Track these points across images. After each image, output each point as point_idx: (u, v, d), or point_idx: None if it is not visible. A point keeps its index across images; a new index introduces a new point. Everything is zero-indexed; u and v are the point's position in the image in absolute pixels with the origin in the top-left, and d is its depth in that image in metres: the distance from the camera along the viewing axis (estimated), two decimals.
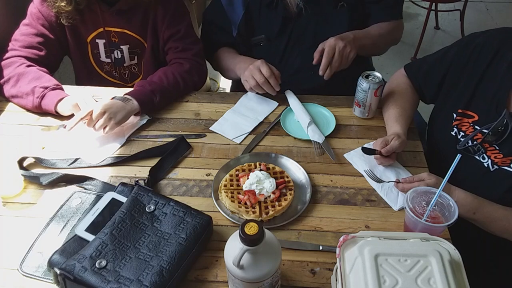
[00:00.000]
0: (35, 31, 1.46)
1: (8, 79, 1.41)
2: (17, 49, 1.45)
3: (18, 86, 1.39)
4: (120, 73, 1.64)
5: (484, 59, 1.19)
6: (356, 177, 1.22)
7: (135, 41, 1.56)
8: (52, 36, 1.49)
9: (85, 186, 1.18)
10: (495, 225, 1.10)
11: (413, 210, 0.99)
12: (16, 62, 1.42)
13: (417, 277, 0.76)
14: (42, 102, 1.36)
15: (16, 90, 1.39)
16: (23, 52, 1.45)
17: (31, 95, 1.36)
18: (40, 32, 1.47)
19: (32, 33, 1.46)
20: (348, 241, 0.84)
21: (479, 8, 3.90)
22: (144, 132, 1.36)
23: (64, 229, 1.07)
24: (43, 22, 1.46)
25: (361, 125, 1.38)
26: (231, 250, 0.83)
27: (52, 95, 1.36)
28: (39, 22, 1.46)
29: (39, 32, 1.47)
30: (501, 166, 1.15)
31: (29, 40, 1.46)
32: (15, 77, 1.40)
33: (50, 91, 1.37)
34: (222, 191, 1.16)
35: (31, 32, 1.46)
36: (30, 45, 1.46)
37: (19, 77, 1.40)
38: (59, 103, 1.35)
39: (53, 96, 1.36)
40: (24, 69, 1.41)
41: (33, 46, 1.46)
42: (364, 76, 1.33)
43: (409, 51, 3.33)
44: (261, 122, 1.40)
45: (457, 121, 1.24)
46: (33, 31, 1.46)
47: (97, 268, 0.93)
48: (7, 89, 1.41)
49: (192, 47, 1.53)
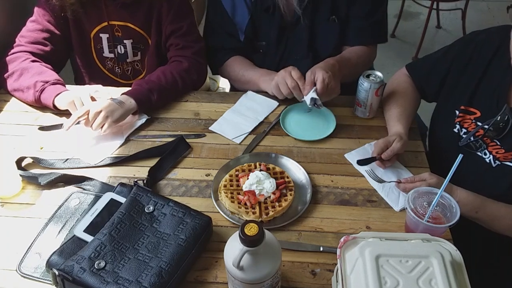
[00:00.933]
0: (41, 27, 1.48)
1: (12, 73, 1.42)
2: (23, 45, 1.46)
3: (20, 80, 1.40)
4: (123, 70, 1.64)
5: (485, 56, 1.20)
6: (357, 178, 1.22)
7: (138, 35, 1.56)
8: (58, 32, 1.50)
9: (84, 186, 1.18)
10: (498, 224, 1.10)
11: (414, 210, 0.98)
12: (21, 57, 1.44)
13: (418, 278, 0.76)
14: (42, 96, 1.36)
15: (18, 84, 1.40)
16: (28, 48, 1.46)
17: (32, 89, 1.37)
18: (45, 28, 1.48)
19: (38, 29, 1.48)
20: (349, 242, 0.84)
21: (480, 7, 3.90)
22: (143, 132, 1.36)
23: (62, 229, 1.07)
24: (48, 18, 1.48)
25: (362, 125, 1.38)
26: (231, 251, 0.83)
27: (51, 90, 1.36)
28: (45, 18, 1.48)
29: (45, 28, 1.48)
30: (503, 162, 1.15)
31: (35, 35, 1.47)
32: (18, 71, 1.41)
33: (50, 86, 1.37)
34: (222, 191, 1.15)
35: (37, 28, 1.48)
36: (36, 40, 1.47)
37: (23, 71, 1.41)
38: (57, 97, 1.35)
39: (52, 91, 1.36)
40: (28, 64, 1.42)
41: (39, 42, 1.47)
42: (365, 76, 1.32)
43: (411, 50, 3.33)
44: (261, 122, 1.39)
45: (460, 118, 1.24)
46: (39, 27, 1.48)
47: (96, 269, 0.92)
48: (10, 83, 1.42)
49: (193, 45, 1.52)
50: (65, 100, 1.34)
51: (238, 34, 1.57)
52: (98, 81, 1.58)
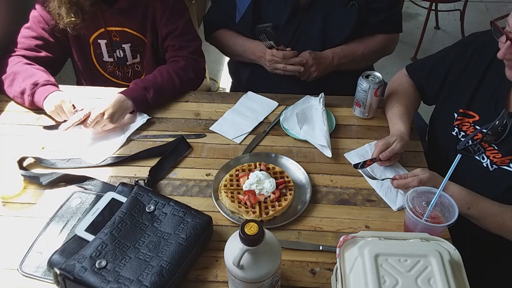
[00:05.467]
0: (35, 34, 1.47)
1: (5, 78, 1.42)
2: (16, 50, 1.46)
3: (13, 86, 1.40)
4: (124, 72, 1.64)
5: (485, 59, 1.20)
6: (356, 177, 1.22)
7: (136, 39, 1.56)
8: (52, 40, 1.49)
9: (85, 186, 1.18)
10: (489, 221, 1.09)
11: (413, 210, 0.99)
12: (12, 61, 1.43)
13: (417, 277, 0.76)
14: (34, 99, 1.37)
15: (13, 91, 1.40)
16: (21, 52, 1.45)
17: (25, 93, 1.37)
18: (40, 35, 1.47)
19: (32, 36, 1.47)
20: (348, 241, 0.84)
21: (479, 8, 3.90)
22: (144, 132, 1.36)
23: (64, 229, 1.07)
24: (43, 26, 1.47)
25: (361, 125, 1.38)
26: (231, 250, 0.83)
27: (41, 92, 1.36)
28: (39, 26, 1.47)
29: (39, 35, 1.47)
30: (500, 166, 1.15)
31: (28, 42, 1.46)
32: (11, 77, 1.41)
33: (39, 88, 1.36)
34: (222, 191, 1.16)
35: (31, 35, 1.47)
36: (29, 47, 1.46)
37: (15, 76, 1.40)
38: (45, 101, 1.35)
39: (41, 93, 1.36)
40: (21, 66, 1.41)
41: (32, 48, 1.46)
42: (364, 76, 1.33)
43: (409, 51, 3.33)
44: (261, 122, 1.40)
45: (458, 121, 1.24)
46: (33, 34, 1.47)
47: (97, 268, 0.93)
48: (5, 88, 1.42)
49: (190, 45, 1.53)
50: (48, 107, 1.34)
51: (236, 14, 1.58)
52: (100, 84, 1.58)
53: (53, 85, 1.39)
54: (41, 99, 1.35)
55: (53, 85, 1.40)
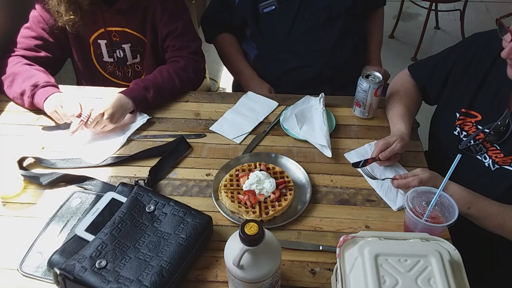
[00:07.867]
0: (35, 34, 1.47)
1: (4, 79, 1.41)
2: (15, 50, 1.46)
3: (13, 87, 1.40)
4: (124, 72, 1.64)
5: (487, 59, 1.20)
6: (356, 177, 1.22)
7: (136, 39, 1.56)
8: (52, 40, 1.49)
9: (85, 186, 1.18)
10: (489, 221, 1.09)
11: (413, 210, 0.99)
12: (12, 61, 1.43)
13: (417, 277, 0.76)
14: (34, 101, 1.36)
15: (13, 92, 1.40)
16: (20, 52, 1.45)
17: (24, 95, 1.37)
18: (39, 35, 1.47)
19: (31, 36, 1.47)
20: (348, 241, 0.84)
21: (479, 8, 3.90)
22: (144, 132, 1.36)
23: (64, 229, 1.07)
24: (43, 26, 1.47)
25: (361, 125, 1.38)
26: (231, 250, 0.83)
27: (41, 93, 1.36)
28: (39, 26, 1.47)
29: (39, 35, 1.47)
30: (502, 166, 1.15)
31: (28, 42, 1.46)
32: (10, 77, 1.40)
33: (39, 89, 1.36)
34: (222, 191, 1.16)
35: (31, 35, 1.47)
36: (29, 47, 1.46)
37: (14, 77, 1.40)
38: (45, 103, 1.34)
39: (41, 94, 1.35)
40: (20, 67, 1.41)
41: (31, 48, 1.46)
42: (364, 76, 1.33)
43: (409, 51, 3.33)
44: (261, 122, 1.40)
45: (460, 120, 1.24)
46: (33, 34, 1.47)
47: (97, 268, 0.93)
48: (5, 89, 1.42)
49: (190, 45, 1.53)
50: (48, 108, 1.34)
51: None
52: (100, 84, 1.58)
53: (53, 86, 1.39)
54: (41, 100, 1.35)
55: (53, 86, 1.39)
